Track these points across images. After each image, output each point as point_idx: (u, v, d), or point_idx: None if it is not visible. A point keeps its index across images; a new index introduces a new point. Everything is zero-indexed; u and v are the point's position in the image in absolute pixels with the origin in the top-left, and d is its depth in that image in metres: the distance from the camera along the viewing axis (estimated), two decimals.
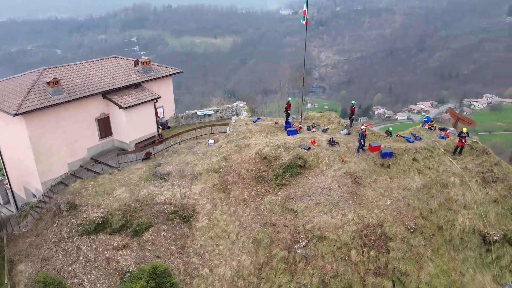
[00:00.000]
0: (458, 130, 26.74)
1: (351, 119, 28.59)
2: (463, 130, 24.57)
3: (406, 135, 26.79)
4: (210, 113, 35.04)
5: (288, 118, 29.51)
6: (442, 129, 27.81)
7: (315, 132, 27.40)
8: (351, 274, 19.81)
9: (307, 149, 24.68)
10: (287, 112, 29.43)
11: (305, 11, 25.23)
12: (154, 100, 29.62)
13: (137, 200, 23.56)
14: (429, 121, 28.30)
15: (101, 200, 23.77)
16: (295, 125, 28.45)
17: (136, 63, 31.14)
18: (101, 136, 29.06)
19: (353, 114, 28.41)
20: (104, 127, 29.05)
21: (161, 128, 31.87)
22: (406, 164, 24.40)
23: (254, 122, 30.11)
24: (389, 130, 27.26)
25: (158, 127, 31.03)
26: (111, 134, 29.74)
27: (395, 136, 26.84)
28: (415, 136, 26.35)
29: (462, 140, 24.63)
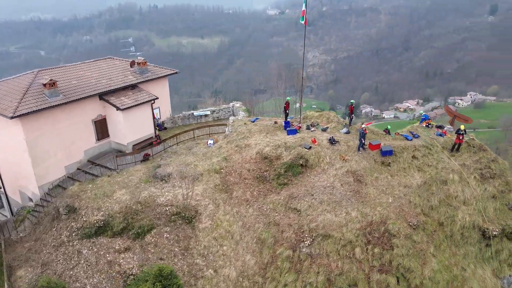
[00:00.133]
0: (455, 128, 27.19)
1: (351, 118, 28.76)
2: (461, 127, 24.95)
3: (404, 133, 27.08)
4: (207, 113, 34.89)
5: (287, 118, 29.53)
6: (439, 126, 28.21)
7: (315, 131, 27.48)
8: (356, 271, 19.98)
9: (308, 148, 24.73)
10: (286, 111, 29.45)
11: (304, 11, 25.35)
12: (152, 101, 29.38)
13: (138, 202, 23.35)
14: (426, 119, 28.66)
15: (101, 202, 23.49)
16: (295, 124, 28.49)
17: (132, 64, 30.81)
18: (98, 138, 28.69)
19: (352, 113, 28.58)
20: (101, 129, 28.69)
21: (157, 129, 31.63)
22: (405, 161, 24.66)
23: (253, 122, 30.06)
24: (387, 128, 27.51)
25: (155, 128, 30.80)
26: (108, 136, 29.39)
27: (394, 134, 27.11)
28: (413, 134, 26.64)
29: (459, 137, 25.00)
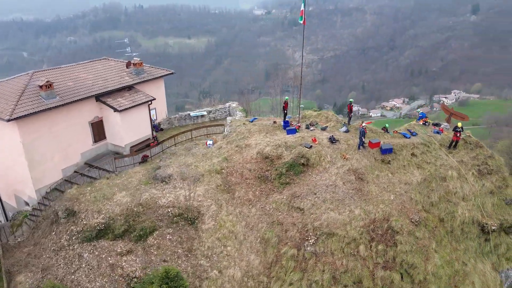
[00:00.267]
0: (452, 125, 27.65)
1: (349, 117, 28.94)
2: (458, 124, 25.40)
3: (402, 131, 27.43)
4: (203, 114, 34.72)
5: (285, 117, 29.58)
6: (435, 124, 28.65)
7: (314, 130, 27.62)
8: (361, 268, 20.14)
9: (309, 147, 24.82)
10: (285, 111, 29.49)
11: (302, 11, 25.38)
12: (149, 102, 29.12)
13: (139, 204, 23.11)
14: (423, 117, 29.07)
15: (101, 205, 23.18)
16: (293, 124, 28.58)
17: (128, 65, 30.48)
18: (94, 140, 28.30)
19: (351, 111, 28.78)
20: (97, 131, 28.31)
21: (154, 130, 31.33)
22: (405, 159, 24.97)
23: (251, 122, 30.05)
24: (385, 126, 27.80)
25: (152, 130, 30.53)
26: (105, 138, 29.02)
27: (392, 132, 27.44)
28: (411, 131, 27.02)
29: (457, 134, 25.44)
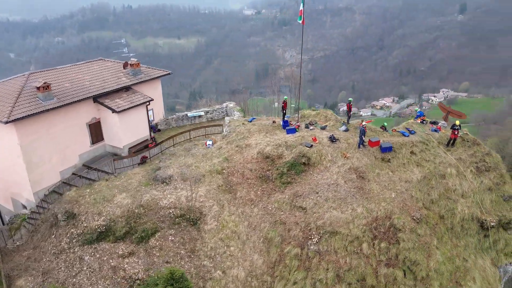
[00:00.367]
0: (449, 123, 27.99)
1: (349, 116, 29.11)
2: (456, 122, 25.74)
3: (401, 130, 27.69)
4: (201, 114, 34.58)
5: (284, 117, 29.64)
6: (433, 122, 28.99)
7: (314, 129, 27.73)
8: (364, 266, 20.32)
9: (309, 146, 24.90)
10: (284, 110, 29.55)
11: (301, 11, 25.46)
12: (147, 102, 28.91)
13: (140, 205, 22.94)
14: (421, 115, 29.40)
15: (101, 207, 22.95)
16: (293, 123, 28.64)
17: (125, 65, 30.20)
18: (92, 141, 27.98)
19: (350, 110, 28.97)
20: (95, 132, 28.00)
21: (152, 131, 31.10)
22: (404, 157, 25.23)
23: (250, 121, 30.04)
24: (384, 125, 28.04)
25: (150, 130, 30.32)
26: (103, 139, 28.71)
27: (391, 130, 27.69)
28: (410, 130, 27.30)
29: (455, 132, 25.78)
